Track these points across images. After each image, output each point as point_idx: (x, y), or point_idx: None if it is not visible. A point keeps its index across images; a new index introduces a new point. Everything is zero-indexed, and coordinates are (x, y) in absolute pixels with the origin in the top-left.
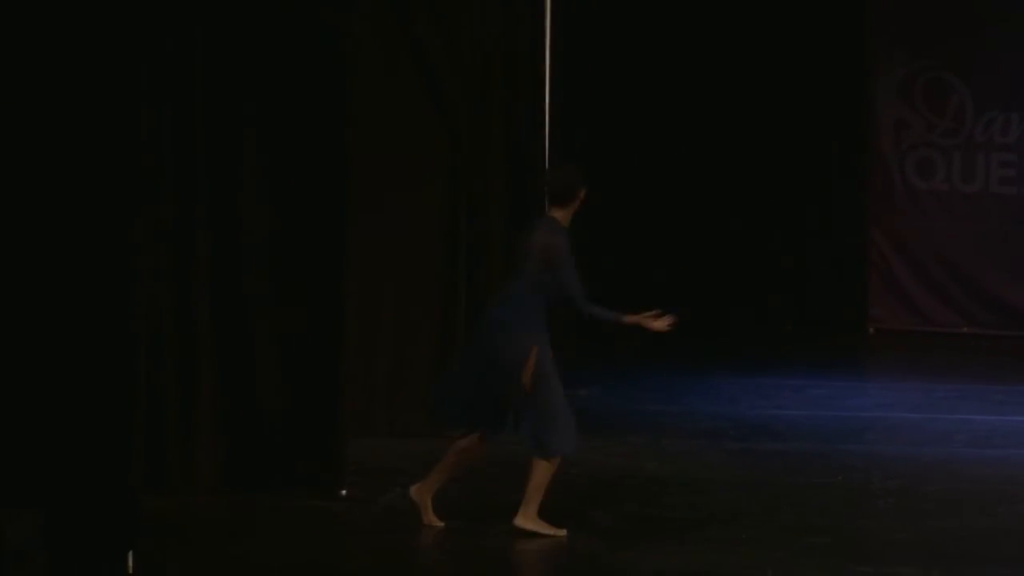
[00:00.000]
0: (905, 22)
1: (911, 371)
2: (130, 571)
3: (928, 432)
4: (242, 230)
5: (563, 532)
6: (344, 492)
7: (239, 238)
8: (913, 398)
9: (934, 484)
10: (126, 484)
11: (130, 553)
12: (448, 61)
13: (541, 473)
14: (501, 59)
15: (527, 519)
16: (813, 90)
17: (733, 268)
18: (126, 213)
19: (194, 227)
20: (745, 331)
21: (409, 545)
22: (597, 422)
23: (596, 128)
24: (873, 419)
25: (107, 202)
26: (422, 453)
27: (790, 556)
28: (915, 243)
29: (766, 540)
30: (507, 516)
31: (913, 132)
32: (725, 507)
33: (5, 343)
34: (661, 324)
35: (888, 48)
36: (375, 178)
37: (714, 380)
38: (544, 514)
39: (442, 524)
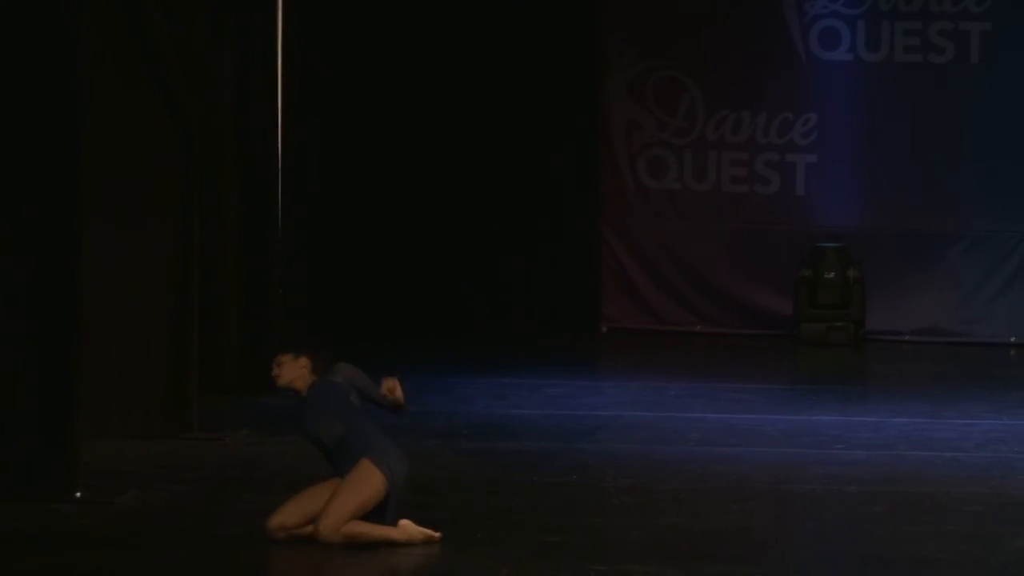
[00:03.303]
0: (635, 22)
1: (645, 370)
2: None
3: (662, 430)
4: None
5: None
6: (79, 494)
7: None
8: (647, 397)
9: (668, 482)
10: None
11: None
12: (182, 69)
13: None
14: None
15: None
16: (544, 91)
17: (467, 269)
18: None
19: None
20: (481, 331)
21: (146, 546)
22: None
23: (330, 137)
24: (608, 418)
25: None
26: (157, 455)
27: (525, 555)
28: (647, 242)
29: (501, 539)
30: (246, 517)
31: (645, 132)
32: (459, 507)
33: None
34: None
35: (618, 48)
36: (110, 184)
37: (450, 380)
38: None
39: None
